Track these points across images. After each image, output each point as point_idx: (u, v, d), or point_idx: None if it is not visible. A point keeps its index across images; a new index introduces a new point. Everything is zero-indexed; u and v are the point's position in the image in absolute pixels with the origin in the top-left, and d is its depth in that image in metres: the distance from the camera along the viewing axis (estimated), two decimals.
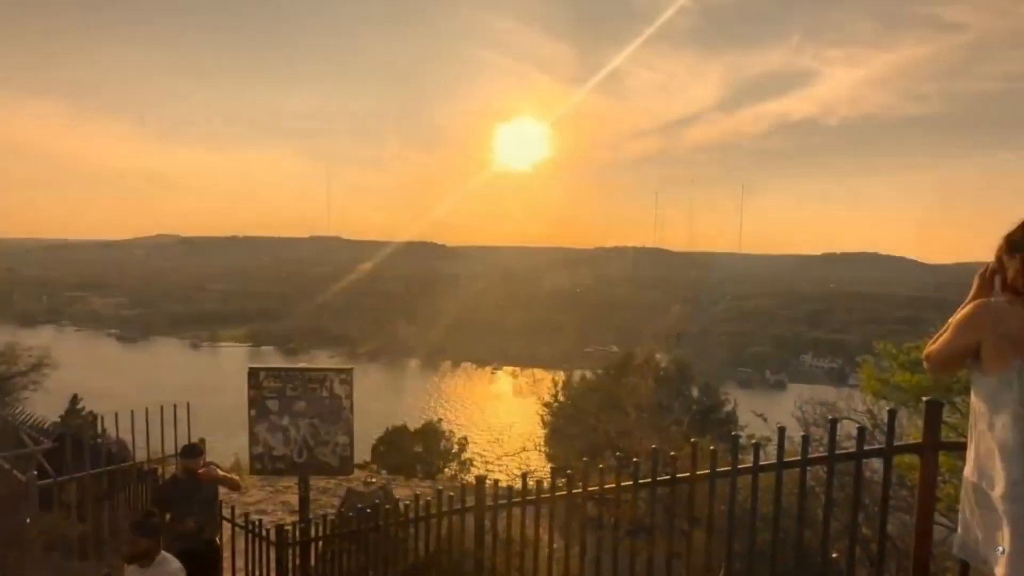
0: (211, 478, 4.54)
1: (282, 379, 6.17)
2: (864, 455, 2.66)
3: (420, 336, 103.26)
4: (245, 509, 8.03)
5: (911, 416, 3.92)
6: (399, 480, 13.61)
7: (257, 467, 6.27)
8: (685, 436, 7.26)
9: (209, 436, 7.03)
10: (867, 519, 3.75)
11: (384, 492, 8.35)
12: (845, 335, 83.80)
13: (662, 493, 3.38)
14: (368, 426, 29.78)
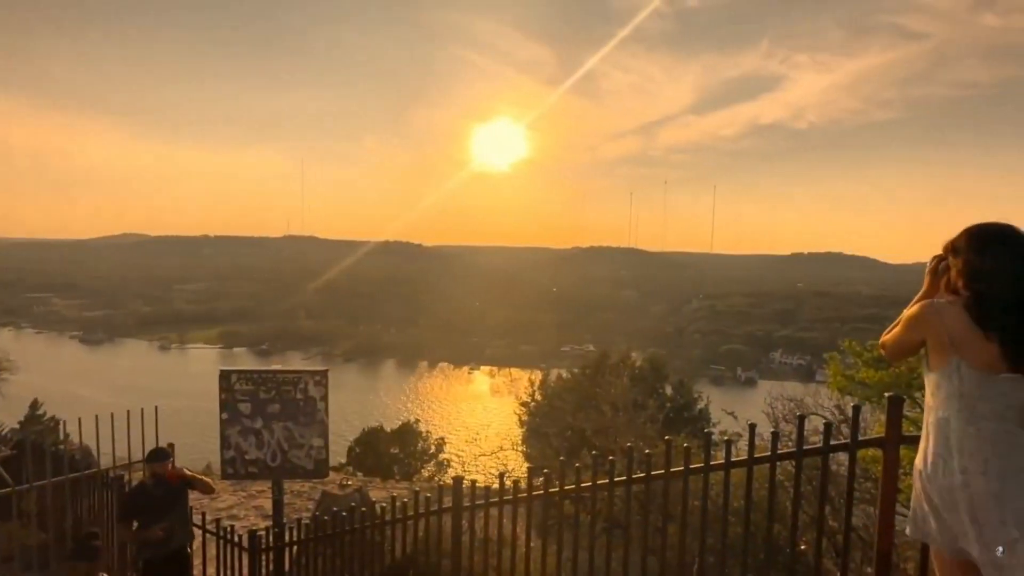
0: (179, 476, 4.41)
1: (255, 381, 6.06)
2: (830, 450, 2.74)
3: (397, 336, 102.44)
4: (216, 515, 7.86)
5: (875, 411, 4.05)
6: (376, 482, 13.48)
7: (229, 472, 6.13)
8: (659, 434, 7.38)
9: (179, 441, 6.86)
10: (833, 511, 3.88)
11: (360, 494, 8.27)
12: (813, 333, 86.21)
13: (637, 490, 3.42)
14: (344, 428, 29.49)
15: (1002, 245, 1.75)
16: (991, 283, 1.72)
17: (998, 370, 1.70)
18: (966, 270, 1.79)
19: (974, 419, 1.74)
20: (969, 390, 1.75)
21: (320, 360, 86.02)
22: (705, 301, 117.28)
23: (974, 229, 1.83)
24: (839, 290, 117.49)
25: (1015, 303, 1.68)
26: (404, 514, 4.40)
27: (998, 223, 1.81)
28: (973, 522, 1.69)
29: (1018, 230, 1.79)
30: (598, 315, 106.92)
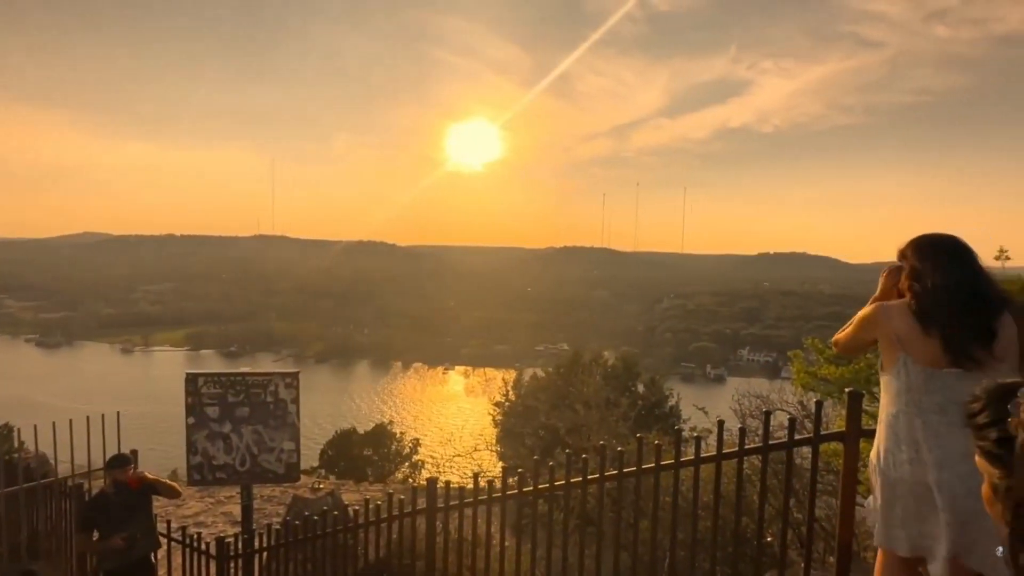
0: (140, 480, 4.28)
1: (223, 384, 5.92)
2: (795, 444, 2.83)
3: (370, 337, 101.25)
4: (183, 522, 7.65)
5: (836, 406, 4.20)
6: (349, 485, 13.32)
7: (196, 478, 5.98)
8: (632, 431, 7.50)
9: (143, 447, 6.66)
10: (798, 503, 4.00)
11: (333, 498, 8.15)
12: (778, 331, 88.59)
13: (610, 487, 3.47)
14: (316, 431, 29.04)
15: (942, 251, 1.91)
16: (930, 285, 1.87)
17: (941, 366, 1.83)
18: (911, 274, 1.94)
19: (919, 413, 1.87)
20: (914, 385, 1.88)
21: (291, 362, 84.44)
22: (676, 300, 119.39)
23: (919, 238, 2.00)
24: (803, 289, 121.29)
25: (952, 303, 1.83)
26: (377, 517, 4.36)
27: (941, 234, 1.98)
28: (917, 514, 1.85)
29: (958, 240, 1.95)
30: (572, 315, 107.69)
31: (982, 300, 1.82)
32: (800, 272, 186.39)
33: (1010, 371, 1.74)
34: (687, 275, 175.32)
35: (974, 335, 1.79)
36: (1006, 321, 1.80)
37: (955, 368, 1.82)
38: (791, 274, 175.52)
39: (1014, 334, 1.79)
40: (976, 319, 1.80)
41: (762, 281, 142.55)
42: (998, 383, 0.74)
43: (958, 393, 1.80)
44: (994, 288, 1.86)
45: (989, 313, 1.80)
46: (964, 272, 1.86)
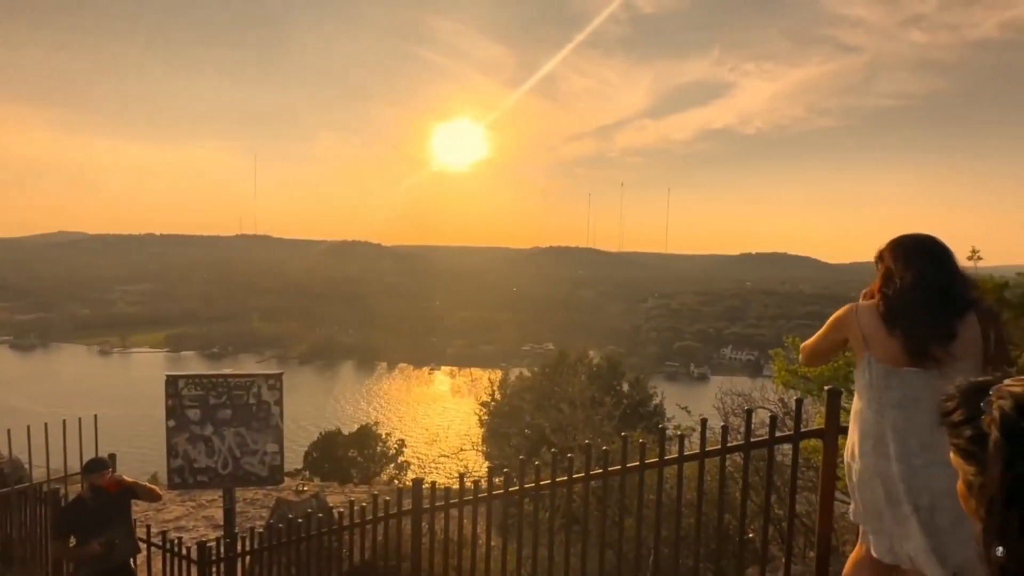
0: (117, 483, 4.19)
1: (204, 386, 5.83)
2: (775, 441, 2.88)
3: (355, 338, 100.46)
4: (163, 527, 7.52)
5: (816, 404, 4.28)
6: (333, 487, 13.21)
7: (177, 481, 5.88)
8: (616, 430, 7.55)
9: (121, 451, 6.54)
10: (779, 500, 4.07)
11: (317, 500, 8.08)
12: (760, 329, 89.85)
13: (595, 486, 3.49)
14: (299, 433, 28.74)
15: (915, 253, 1.95)
16: (899, 287, 1.93)
17: (900, 364, 1.91)
18: (883, 275, 2.00)
19: (881, 408, 1.95)
20: (877, 381, 1.96)
21: (274, 363, 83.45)
22: (660, 300, 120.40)
23: (895, 239, 2.04)
24: (784, 288, 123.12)
25: (917, 304, 1.89)
26: (362, 518, 4.34)
27: (917, 235, 2.01)
28: (881, 506, 1.94)
29: (933, 241, 1.98)
30: (558, 314, 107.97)
31: (948, 301, 1.87)
32: (781, 272, 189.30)
33: (969, 369, 1.78)
34: (671, 275, 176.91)
35: (934, 335, 1.84)
36: (969, 321, 1.85)
37: (914, 367, 1.89)
38: (772, 274, 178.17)
39: (976, 334, 1.84)
40: (938, 319, 1.85)
41: (744, 281, 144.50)
42: (971, 381, 0.75)
43: (916, 390, 1.88)
44: (964, 289, 1.90)
45: (952, 314, 1.85)
46: (935, 273, 1.91)
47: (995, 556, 0.65)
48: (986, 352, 1.81)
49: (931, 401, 1.82)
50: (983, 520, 0.70)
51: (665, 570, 3.71)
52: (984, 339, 1.81)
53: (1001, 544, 0.67)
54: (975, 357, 1.83)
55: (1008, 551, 0.66)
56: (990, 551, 0.68)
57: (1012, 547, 0.66)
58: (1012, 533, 0.65)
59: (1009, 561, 0.66)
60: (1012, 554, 0.66)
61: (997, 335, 1.82)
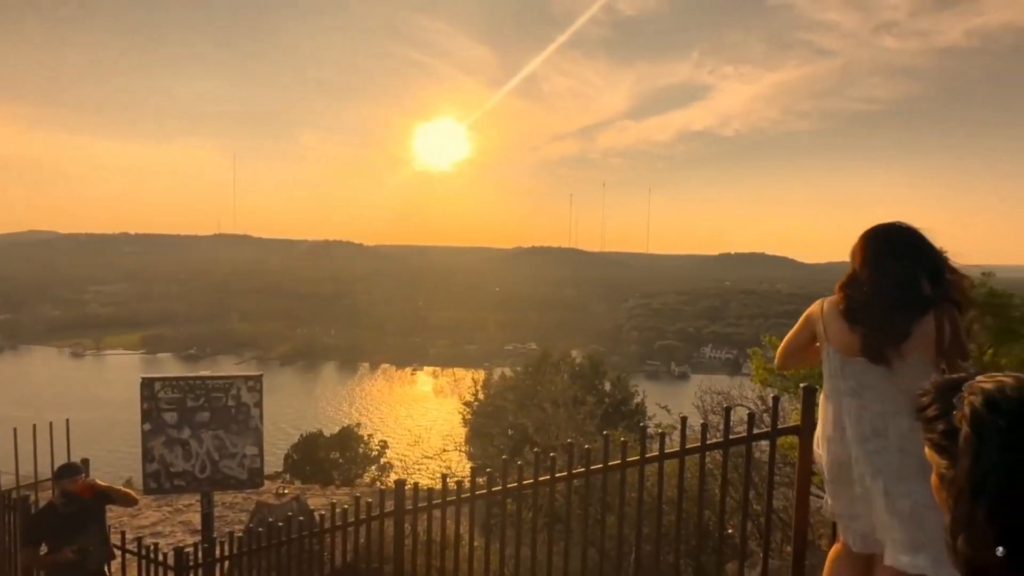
0: (91, 488, 4.09)
1: (181, 389, 5.72)
2: (753, 439, 2.93)
3: (337, 338, 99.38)
4: (139, 533, 7.37)
5: (792, 401, 4.36)
6: (314, 489, 13.07)
7: (152, 486, 5.76)
8: (598, 429, 7.60)
9: (95, 456, 6.39)
10: (757, 496, 4.14)
11: (298, 503, 7.99)
12: (739, 328, 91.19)
13: (577, 485, 3.52)
14: (280, 435, 28.32)
15: (882, 248, 1.98)
16: (857, 287, 1.99)
17: (855, 354, 1.98)
18: (849, 273, 2.05)
19: (839, 396, 2.04)
20: (835, 371, 2.05)
21: (254, 364, 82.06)
22: (641, 300, 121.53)
23: (866, 232, 2.06)
24: (762, 288, 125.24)
25: (876, 304, 1.93)
26: (344, 521, 4.30)
27: (887, 227, 2.02)
28: (842, 490, 2.04)
29: (900, 235, 1.98)
30: (540, 314, 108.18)
31: (905, 300, 1.90)
32: (760, 272, 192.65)
33: (918, 362, 1.87)
34: (652, 275, 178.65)
35: (888, 337, 1.89)
36: (926, 319, 1.87)
37: (865, 358, 1.97)
38: (751, 274, 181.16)
39: (930, 330, 1.87)
40: (893, 320, 1.89)
41: (724, 281, 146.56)
42: (946, 378, 0.77)
43: (869, 378, 1.97)
44: (925, 286, 1.91)
45: (908, 313, 1.89)
46: (895, 271, 1.93)
47: (986, 554, 0.66)
48: (940, 346, 1.84)
49: (883, 390, 1.94)
50: (951, 511, 0.71)
51: (646, 567, 3.75)
52: (938, 334, 1.84)
53: (966, 534, 0.69)
54: (923, 352, 1.87)
55: (970, 541, 0.68)
56: (956, 541, 0.70)
57: (976, 537, 0.67)
58: (978, 524, 0.67)
59: (972, 549, 0.68)
60: (974, 543, 0.68)
61: (953, 330, 1.84)
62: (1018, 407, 0.67)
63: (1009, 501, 0.65)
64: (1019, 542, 0.64)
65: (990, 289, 3.71)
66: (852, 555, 2.12)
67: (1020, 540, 0.64)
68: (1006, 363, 3.52)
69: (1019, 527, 0.64)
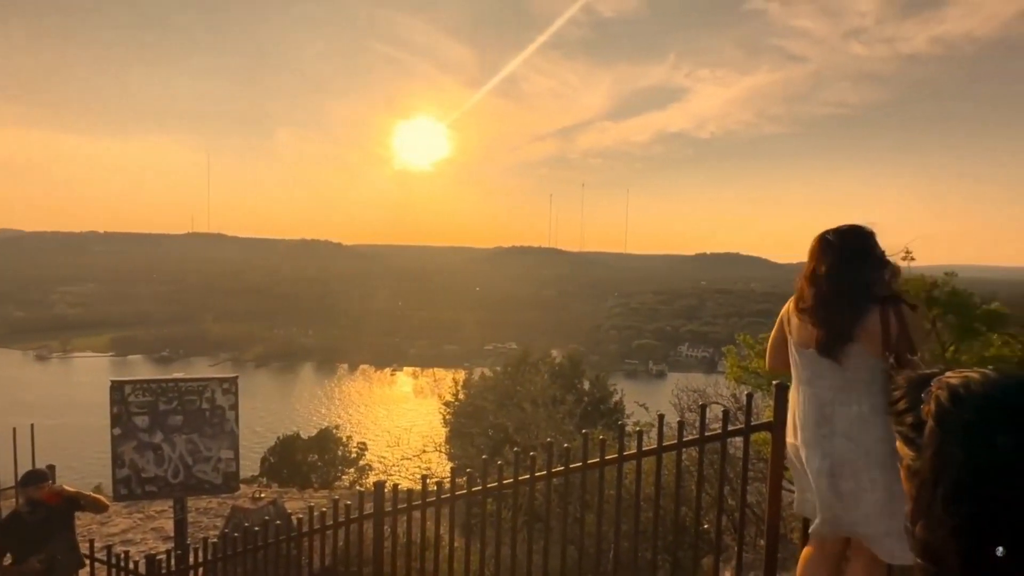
0: (58, 494, 3.97)
1: (153, 392, 5.59)
2: (728, 435, 2.99)
3: (315, 339, 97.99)
4: (108, 541, 7.18)
5: (765, 398, 4.46)
6: (292, 492, 12.89)
7: (123, 492, 5.62)
8: (577, 427, 7.65)
9: (61, 462, 6.21)
10: (732, 491, 4.22)
11: (275, 507, 7.87)
12: (715, 327, 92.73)
13: (557, 483, 3.54)
14: (255, 438, 27.81)
15: (828, 252, 2.10)
16: (809, 285, 2.12)
17: (808, 346, 2.12)
18: (806, 272, 2.17)
19: (799, 385, 2.20)
20: (795, 362, 2.19)
21: (229, 366, 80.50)
22: (620, 299, 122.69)
23: (819, 237, 2.17)
24: (737, 288, 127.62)
25: (822, 304, 2.06)
26: (323, 524, 4.26)
27: (837, 230, 2.13)
28: (803, 476, 2.17)
29: (847, 237, 2.10)
30: (520, 314, 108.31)
31: (855, 297, 2.02)
32: (735, 272, 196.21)
33: (860, 353, 2.01)
34: (631, 275, 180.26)
35: (835, 335, 2.03)
36: (872, 315, 1.99)
37: (816, 351, 2.11)
38: (726, 274, 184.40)
39: (875, 326, 1.98)
40: (842, 315, 2.02)
41: (700, 280, 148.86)
42: (917, 374, 0.79)
43: (819, 368, 2.10)
44: (870, 285, 2.03)
45: (857, 309, 2.01)
46: (847, 270, 2.04)
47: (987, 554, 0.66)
48: (886, 341, 1.95)
49: (832, 380, 2.07)
50: (912, 499, 0.74)
51: (625, 563, 3.79)
52: (884, 329, 1.96)
53: (924, 520, 0.71)
54: (873, 345, 1.98)
55: (928, 527, 0.71)
56: (915, 527, 0.73)
57: (934, 524, 0.70)
58: (936, 512, 0.70)
59: (929, 535, 0.71)
60: (932, 529, 0.70)
61: (900, 325, 1.95)
62: (980, 402, 0.70)
63: (966, 491, 0.68)
64: (1018, 542, 0.65)
65: (952, 289, 3.84)
66: (823, 555, 2.23)
67: (999, 536, 0.66)
68: (967, 359, 3.65)
69: (974, 516, 0.67)
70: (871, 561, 2.15)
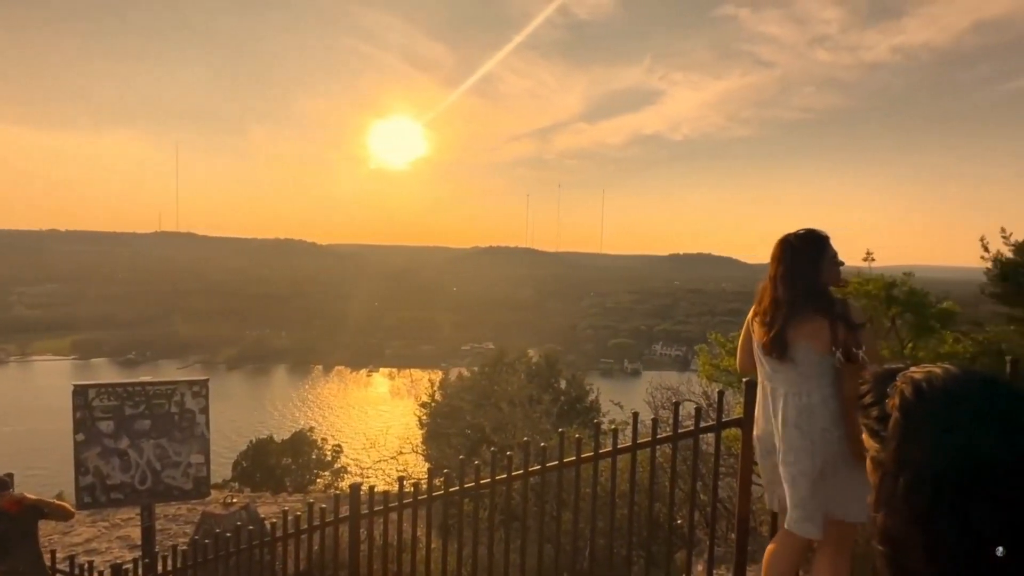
0: (19, 503, 3.83)
1: (119, 396, 5.42)
2: (700, 432, 3.06)
3: (288, 340, 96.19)
4: (71, 551, 6.95)
5: (736, 395, 4.56)
6: (265, 497, 12.67)
7: (87, 500, 5.44)
8: (554, 426, 7.69)
9: (20, 470, 5.98)
10: (704, 486, 4.31)
11: (247, 512, 7.73)
12: (688, 326, 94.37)
13: (533, 482, 3.56)
14: (224, 442, 27.16)
15: (783, 257, 2.27)
16: (765, 289, 2.30)
17: (763, 346, 2.29)
18: (768, 275, 2.33)
19: (761, 380, 2.38)
20: (758, 359, 2.37)
21: (199, 369, 78.46)
22: (596, 299, 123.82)
23: (778, 243, 2.32)
24: (709, 287, 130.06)
25: (772, 307, 2.25)
26: (297, 528, 4.20)
27: (790, 236, 2.29)
28: (768, 466, 2.33)
29: (799, 243, 2.26)
30: (497, 314, 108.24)
31: (805, 299, 2.19)
32: (706, 272, 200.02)
33: (809, 353, 2.17)
34: (606, 275, 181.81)
35: (788, 331, 2.20)
36: (819, 316, 2.17)
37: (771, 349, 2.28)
38: (698, 274, 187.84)
39: (823, 325, 2.17)
40: (792, 317, 2.20)
41: (673, 280, 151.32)
42: (884, 368, 0.82)
43: (775, 365, 2.28)
44: (814, 289, 2.20)
45: (807, 310, 2.19)
46: (799, 275, 2.21)
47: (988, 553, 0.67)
48: (833, 339, 2.13)
49: (787, 374, 2.24)
50: (876, 488, 0.77)
51: (601, 560, 3.83)
52: (832, 328, 2.13)
53: (886, 509, 0.74)
54: (821, 343, 2.17)
55: (889, 516, 0.74)
56: (877, 516, 0.76)
57: (895, 513, 0.73)
58: (897, 501, 0.72)
59: (889, 522, 0.74)
60: (892, 518, 0.73)
61: (847, 324, 2.13)
62: (942, 396, 0.73)
63: (926, 482, 0.70)
64: (1017, 541, 0.66)
65: (910, 288, 3.99)
66: (787, 547, 2.34)
67: (957, 525, 0.68)
68: (923, 355, 3.80)
69: (933, 505, 0.70)
70: (836, 553, 2.24)
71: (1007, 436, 0.69)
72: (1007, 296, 6.69)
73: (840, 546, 2.25)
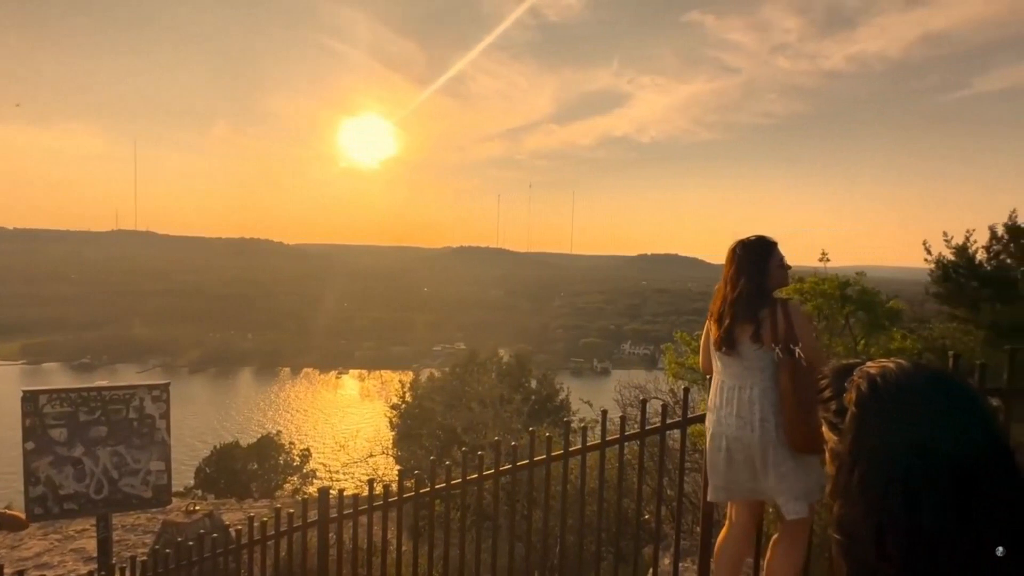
0: None
1: (72, 402, 5.20)
2: (667, 428, 3.12)
3: (254, 343, 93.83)
4: (21, 565, 6.64)
5: (701, 392, 4.67)
6: (230, 503, 12.32)
7: (38, 512, 5.19)
8: (525, 426, 7.73)
9: None
10: (670, 482, 4.40)
11: (211, 519, 7.52)
12: (655, 325, 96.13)
13: (504, 481, 3.58)
14: (186, 450, 26.35)
15: (735, 260, 2.46)
16: (718, 291, 2.49)
17: (718, 346, 2.46)
18: (723, 277, 2.51)
19: (715, 374, 2.54)
20: (713, 355, 2.53)
21: (160, 373, 75.94)
22: (566, 299, 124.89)
23: (732, 248, 2.50)
24: (675, 287, 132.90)
25: (724, 308, 2.44)
26: (263, 534, 4.11)
27: (741, 242, 2.48)
28: (717, 460, 2.47)
29: (746, 248, 2.45)
30: (468, 314, 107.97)
31: (751, 300, 2.38)
32: (673, 272, 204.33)
33: (753, 348, 2.35)
34: (576, 275, 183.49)
35: (735, 329, 2.40)
36: (763, 315, 2.35)
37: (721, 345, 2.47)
38: (666, 274, 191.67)
39: (767, 324, 2.34)
40: (738, 316, 2.38)
41: (641, 280, 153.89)
42: (842, 364, 0.86)
43: (726, 360, 2.47)
44: (761, 290, 2.39)
45: (751, 310, 2.37)
46: (747, 279, 2.40)
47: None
48: (774, 336, 2.31)
49: (734, 368, 2.43)
50: (833, 479, 0.80)
51: (571, 557, 3.88)
52: (772, 326, 2.32)
53: (841, 500, 0.77)
54: (765, 340, 2.34)
55: (844, 506, 0.77)
56: (834, 506, 0.79)
57: (850, 504, 0.76)
58: (852, 492, 0.76)
59: (845, 512, 0.77)
60: (847, 509, 0.77)
61: (787, 322, 2.32)
62: (895, 390, 0.76)
63: (879, 472, 0.74)
64: (965, 531, 0.69)
65: (863, 287, 4.17)
66: (734, 532, 2.53)
67: (911, 515, 0.70)
68: (875, 351, 3.97)
69: (883, 496, 0.73)
70: (791, 545, 2.34)
71: (955, 429, 0.72)
72: (948, 296, 7.04)
73: (794, 537, 2.35)
